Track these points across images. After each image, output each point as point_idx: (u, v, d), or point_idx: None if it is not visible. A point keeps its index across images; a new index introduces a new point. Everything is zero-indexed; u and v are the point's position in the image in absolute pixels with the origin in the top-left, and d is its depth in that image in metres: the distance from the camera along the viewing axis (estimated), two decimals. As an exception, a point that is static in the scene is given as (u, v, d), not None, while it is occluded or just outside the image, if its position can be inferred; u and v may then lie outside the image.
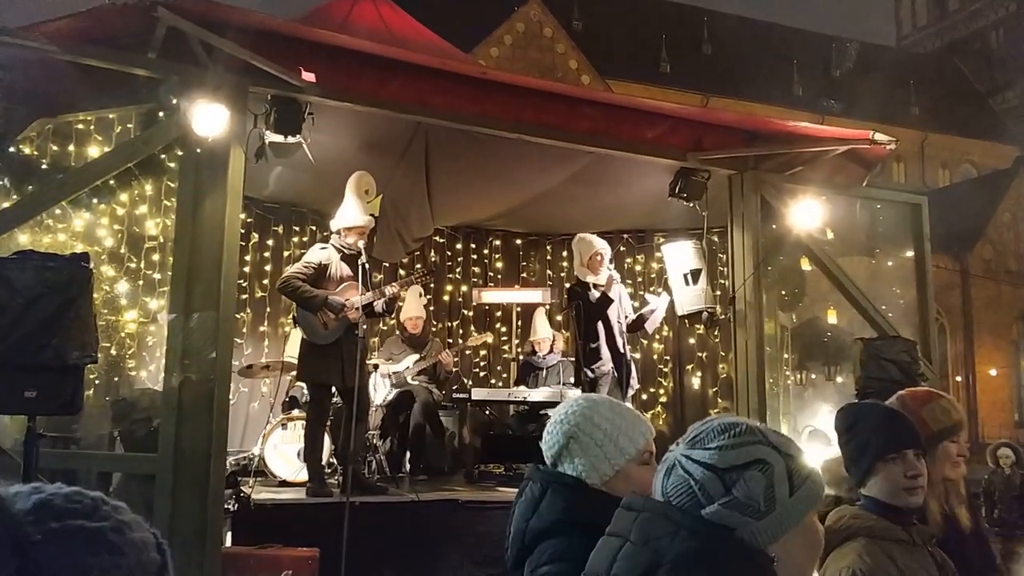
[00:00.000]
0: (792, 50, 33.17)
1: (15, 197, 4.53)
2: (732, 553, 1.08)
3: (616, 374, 5.99)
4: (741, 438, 1.15)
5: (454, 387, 7.16)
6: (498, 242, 8.53)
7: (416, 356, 6.64)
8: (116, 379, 5.18)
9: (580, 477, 1.64)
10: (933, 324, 6.40)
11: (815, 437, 7.19)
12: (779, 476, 1.13)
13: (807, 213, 5.56)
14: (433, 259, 8.06)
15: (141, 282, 4.92)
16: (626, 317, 6.11)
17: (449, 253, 8.31)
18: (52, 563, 0.66)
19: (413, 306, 6.74)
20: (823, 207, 5.66)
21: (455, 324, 8.30)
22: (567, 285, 6.72)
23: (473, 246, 8.43)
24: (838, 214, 6.10)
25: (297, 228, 7.43)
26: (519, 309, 8.02)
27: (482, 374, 8.30)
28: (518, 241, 8.58)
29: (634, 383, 6.25)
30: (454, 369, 7.21)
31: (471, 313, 8.35)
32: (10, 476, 3.72)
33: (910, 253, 6.61)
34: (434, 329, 7.76)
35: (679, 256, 6.22)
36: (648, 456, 1.67)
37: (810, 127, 6.04)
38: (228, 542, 4.57)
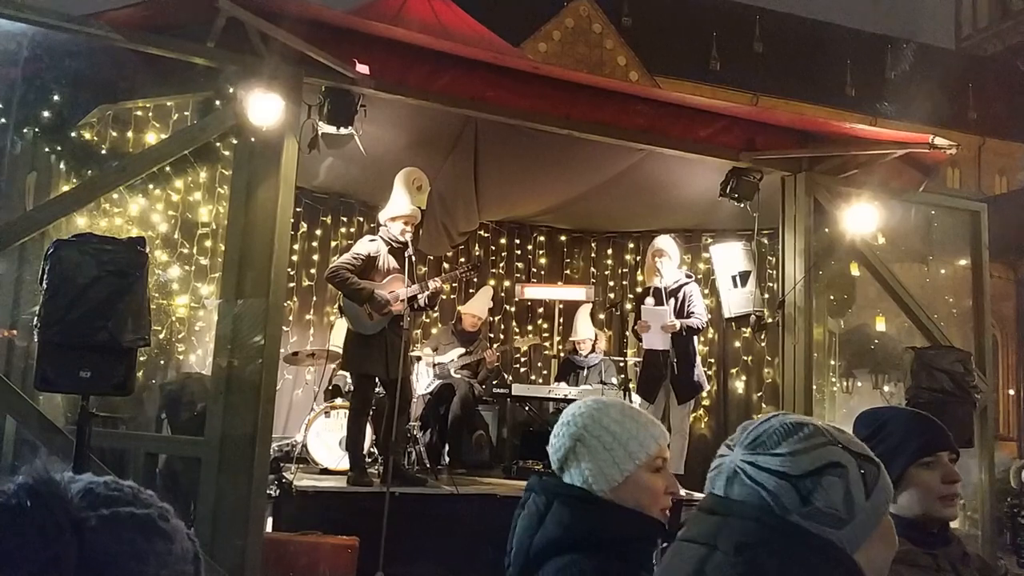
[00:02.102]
0: (846, 50, 32.42)
1: (75, 181, 4.64)
2: (837, 565, 1.00)
3: (666, 378, 5.94)
4: (811, 440, 1.05)
5: (494, 382, 7.17)
6: (543, 238, 8.50)
7: (462, 350, 6.66)
8: (163, 362, 5.29)
9: (587, 484, 1.55)
10: (989, 334, 6.21)
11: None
12: (854, 479, 1.03)
13: (861, 218, 5.42)
14: (477, 253, 8.07)
15: (193, 268, 5.01)
16: (689, 317, 6.06)
17: (493, 248, 8.30)
18: (108, 549, 0.64)
19: (479, 305, 6.75)
20: (877, 212, 5.53)
21: (497, 319, 8.29)
22: (623, 283, 6.74)
23: (517, 241, 8.42)
24: (892, 219, 5.95)
25: (345, 219, 7.49)
26: (562, 306, 7.99)
27: (522, 370, 8.28)
28: (563, 238, 8.54)
29: (702, 384, 6.21)
30: (496, 365, 7.22)
31: (513, 309, 8.34)
32: (63, 454, 3.82)
33: (964, 261, 6.43)
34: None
35: (728, 257, 6.13)
36: (661, 463, 1.57)
37: (867, 129, 5.89)
38: (268, 527, 4.63)
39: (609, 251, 8.47)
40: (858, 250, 5.61)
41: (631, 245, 8.37)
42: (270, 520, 4.70)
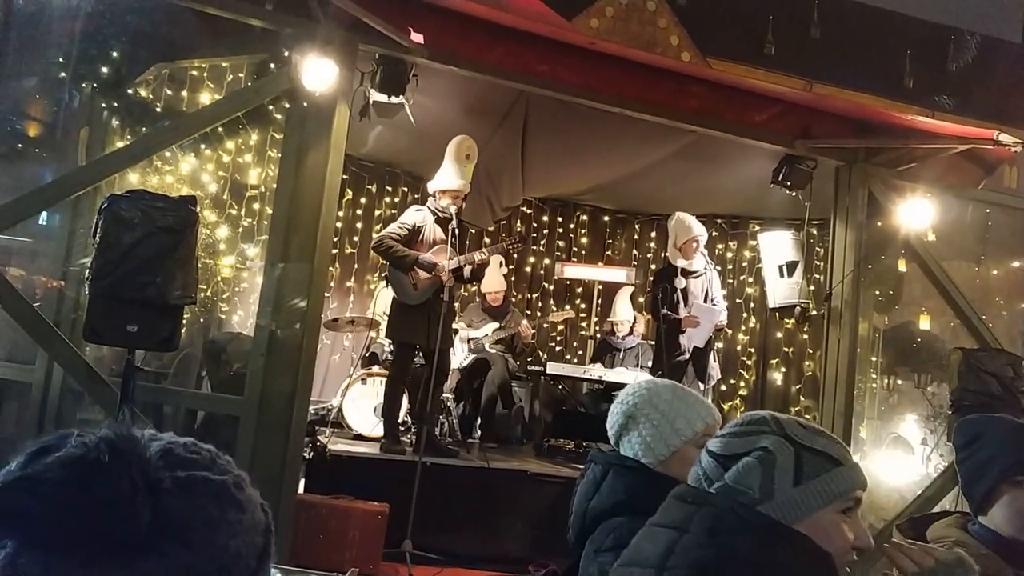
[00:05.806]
0: (907, 39, 31.42)
1: (128, 137, 4.69)
2: (801, 552, 1.09)
3: (694, 363, 5.88)
4: (749, 427, 1.16)
5: (529, 359, 7.16)
6: (585, 217, 8.43)
7: (495, 325, 6.65)
8: (203, 321, 5.36)
9: (638, 457, 1.69)
10: (1042, 340, 6.04)
11: (898, 444, 6.92)
12: (782, 465, 1.11)
13: (917, 213, 5.27)
14: (519, 229, 8.03)
15: (240, 229, 5.05)
16: (713, 302, 5.99)
17: (535, 225, 8.26)
18: (181, 513, 0.63)
19: (494, 279, 6.73)
20: (933, 207, 5.37)
21: (535, 297, 8.27)
22: (659, 267, 6.61)
23: (560, 219, 8.36)
24: (947, 216, 5.78)
25: (390, 188, 7.50)
26: (601, 287, 7.93)
27: (558, 349, 8.26)
28: (606, 218, 8.45)
29: (715, 373, 6.13)
30: (531, 341, 7.20)
31: (552, 287, 8.31)
32: (107, 405, 3.90)
33: (1017, 263, 6.24)
34: (514, 300, 7.75)
35: (776, 246, 6.01)
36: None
37: (929, 122, 5.70)
38: (301, 489, 4.69)
39: (652, 234, 8.37)
40: (911, 246, 5.47)
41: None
42: (302, 482, 4.76)
